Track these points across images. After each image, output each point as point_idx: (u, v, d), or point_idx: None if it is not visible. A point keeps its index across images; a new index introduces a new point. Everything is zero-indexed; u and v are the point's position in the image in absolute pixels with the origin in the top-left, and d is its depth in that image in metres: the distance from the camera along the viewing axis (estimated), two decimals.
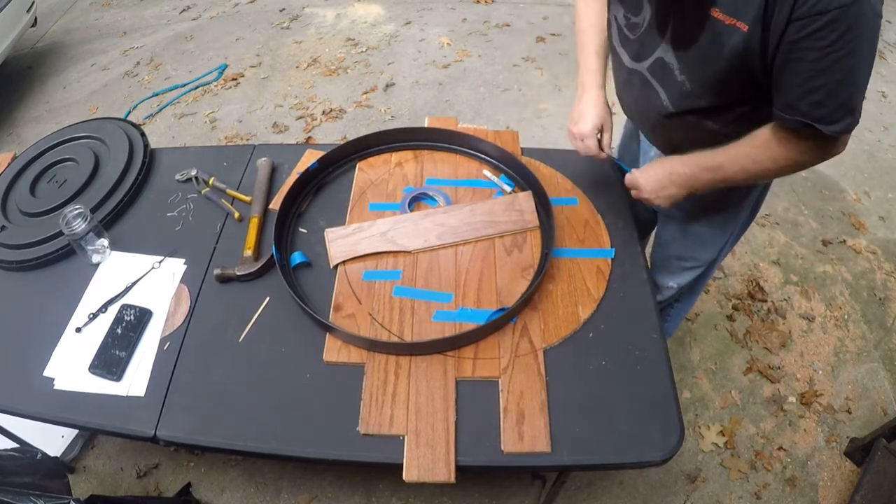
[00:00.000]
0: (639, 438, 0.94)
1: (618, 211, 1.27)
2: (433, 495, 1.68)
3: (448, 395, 0.98)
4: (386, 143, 1.41)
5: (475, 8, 3.82)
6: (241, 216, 1.29)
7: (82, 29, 4.02)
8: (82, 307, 1.15)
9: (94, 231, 1.19)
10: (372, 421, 0.95)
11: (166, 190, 1.36)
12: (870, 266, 2.30)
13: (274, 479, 1.71)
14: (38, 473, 1.25)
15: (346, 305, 1.11)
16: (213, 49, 3.59)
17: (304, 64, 3.39)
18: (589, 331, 1.07)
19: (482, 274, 1.15)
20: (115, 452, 1.78)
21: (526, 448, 0.92)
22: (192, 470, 1.73)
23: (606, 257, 1.18)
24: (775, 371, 1.96)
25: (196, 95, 3.23)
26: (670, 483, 1.71)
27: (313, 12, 3.88)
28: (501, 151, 1.34)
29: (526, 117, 2.95)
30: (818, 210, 2.52)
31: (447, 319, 1.08)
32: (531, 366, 1.01)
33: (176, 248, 1.23)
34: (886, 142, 2.88)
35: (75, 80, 3.46)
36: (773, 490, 1.69)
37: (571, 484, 1.70)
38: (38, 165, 1.39)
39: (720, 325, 2.08)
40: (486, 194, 1.31)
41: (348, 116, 3.01)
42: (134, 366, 1.06)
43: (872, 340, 2.06)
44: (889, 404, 1.89)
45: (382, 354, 1.03)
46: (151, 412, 0.99)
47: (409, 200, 1.27)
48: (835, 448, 1.79)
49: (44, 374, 1.05)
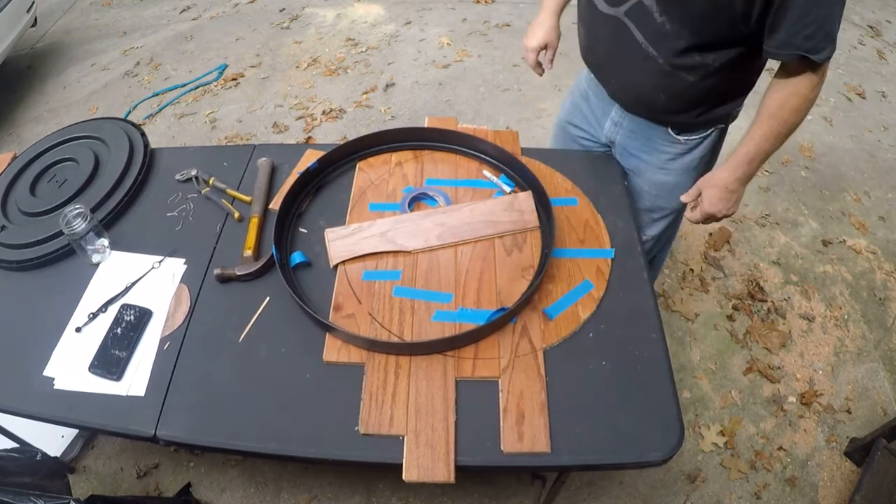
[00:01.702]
0: (639, 438, 0.94)
1: (618, 211, 1.27)
2: (433, 495, 1.68)
3: (448, 395, 0.98)
4: (386, 143, 1.41)
5: (475, 8, 3.82)
6: (241, 216, 1.29)
7: (82, 29, 4.02)
8: (82, 307, 1.15)
9: (94, 231, 1.19)
10: (372, 421, 0.95)
11: (166, 190, 1.36)
12: (870, 266, 2.30)
13: (274, 479, 1.71)
14: (38, 473, 1.25)
15: (346, 305, 1.11)
16: (213, 49, 3.59)
17: (304, 64, 3.39)
18: (589, 331, 1.07)
19: (482, 274, 1.15)
20: (115, 452, 1.78)
21: (526, 448, 0.92)
22: (192, 470, 1.73)
23: (606, 257, 1.18)
24: (775, 371, 1.96)
25: (196, 95, 3.23)
26: (670, 483, 1.71)
27: (313, 12, 3.88)
28: (501, 151, 1.34)
29: (526, 117, 2.95)
30: (818, 210, 2.52)
31: (447, 319, 1.08)
32: (531, 366, 1.01)
33: (176, 248, 1.23)
34: (886, 142, 2.88)
35: (75, 80, 3.46)
36: (773, 490, 1.70)
37: (571, 484, 1.70)
38: (38, 165, 1.39)
39: (720, 325, 2.08)
40: (486, 194, 1.31)
41: (348, 116, 3.01)
42: (134, 366, 1.06)
43: (872, 340, 2.06)
44: (889, 404, 1.89)
45: (382, 354, 1.03)
46: (151, 412, 0.99)
47: (409, 200, 1.27)
48: (835, 448, 1.79)
49: (44, 374, 1.05)
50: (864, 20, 3.85)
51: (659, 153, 1.29)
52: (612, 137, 1.37)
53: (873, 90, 3.21)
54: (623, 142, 1.35)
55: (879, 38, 3.68)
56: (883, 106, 3.11)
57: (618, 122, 1.33)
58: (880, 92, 3.20)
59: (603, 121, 1.37)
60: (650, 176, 1.35)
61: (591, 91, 1.39)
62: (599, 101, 1.36)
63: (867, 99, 3.14)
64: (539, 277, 1.10)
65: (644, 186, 1.37)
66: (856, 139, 2.88)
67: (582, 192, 1.31)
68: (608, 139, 1.39)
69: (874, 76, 3.32)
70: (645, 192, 1.38)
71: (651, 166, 1.33)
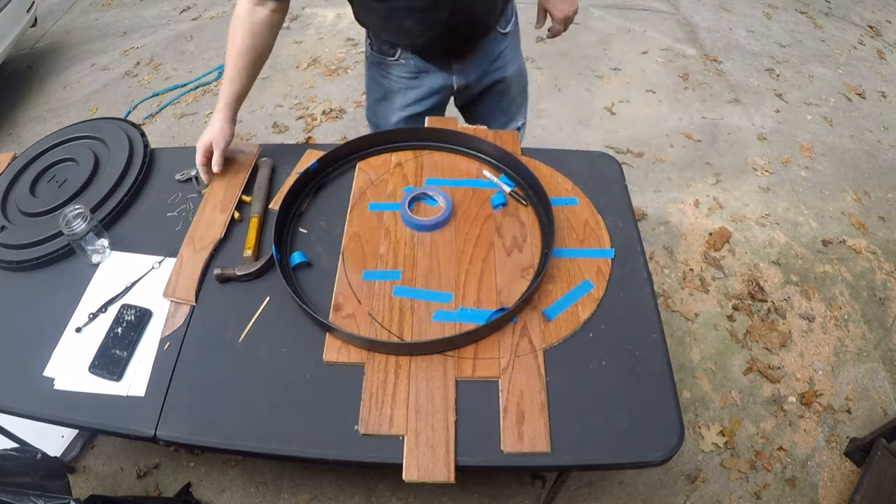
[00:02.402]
0: (639, 438, 0.94)
1: (618, 211, 1.27)
2: (433, 495, 1.68)
3: (448, 395, 0.98)
4: (386, 143, 1.41)
5: None
6: (241, 216, 1.29)
7: (82, 29, 4.02)
8: (82, 307, 1.15)
9: (94, 231, 1.19)
10: (372, 421, 0.95)
11: (166, 190, 1.36)
12: (870, 266, 2.30)
13: (274, 479, 1.71)
14: (38, 473, 1.25)
15: (346, 305, 1.11)
16: (213, 49, 3.59)
17: (304, 64, 3.39)
18: (589, 331, 1.07)
19: (482, 274, 1.15)
20: (115, 452, 1.78)
21: (526, 448, 0.92)
22: (192, 470, 1.73)
23: (606, 257, 1.18)
24: (775, 371, 1.96)
25: (196, 95, 3.23)
26: (670, 483, 1.71)
27: (313, 12, 3.88)
28: (501, 151, 1.34)
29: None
30: (818, 210, 2.52)
31: (447, 319, 1.08)
32: (531, 366, 1.01)
33: (176, 248, 1.23)
34: (886, 142, 2.88)
35: (75, 80, 3.46)
36: (773, 490, 1.70)
37: (571, 484, 1.70)
38: (38, 165, 1.39)
39: (720, 325, 2.08)
40: (486, 194, 1.31)
41: (348, 116, 3.01)
42: (134, 366, 1.06)
43: (872, 340, 2.06)
44: (889, 404, 1.89)
45: (382, 354, 1.03)
46: (151, 412, 0.99)
47: (409, 200, 1.27)
48: (835, 448, 1.79)
49: (44, 374, 1.05)
50: (864, 20, 3.85)
51: (502, 54, 1.45)
52: (464, 83, 1.45)
53: (873, 90, 3.21)
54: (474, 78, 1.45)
55: (879, 38, 3.68)
56: (883, 106, 3.11)
57: (459, 70, 1.42)
58: (880, 92, 3.20)
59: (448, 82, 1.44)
60: (508, 73, 1.49)
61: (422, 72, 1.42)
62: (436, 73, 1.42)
63: (867, 99, 3.14)
64: (539, 277, 1.10)
65: (512, 85, 1.53)
66: (856, 139, 2.88)
67: (582, 192, 1.31)
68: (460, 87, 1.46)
69: (874, 76, 3.32)
70: (513, 86, 1.53)
71: (502, 69, 1.47)
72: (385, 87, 1.48)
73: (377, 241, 1.22)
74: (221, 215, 1.26)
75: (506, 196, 1.30)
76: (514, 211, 1.28)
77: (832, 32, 3.71)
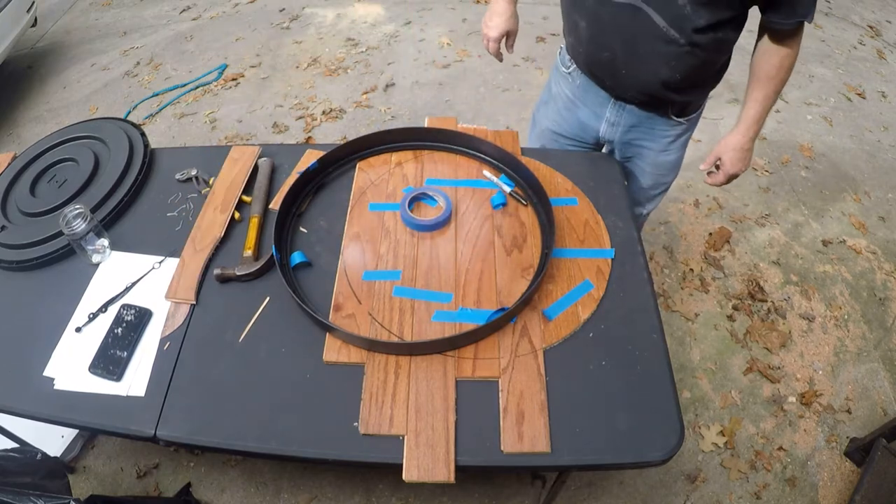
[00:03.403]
0: (639, 438, 0.94)
1: (618, 211, 1.27)
2: (433, 495, 1.68)
3: (448, 395, 0.98)
4: (386, 143, 1.41)
5: (475, 8, 3.81)
6: (241, 216, 1.29)
7: (82, 29, 4.02)
8: (82, 307, 1.15)
9: (94, 231, 1.19)
10: (372, 421, 0.95)
11: (166, 190, 1.36)
12: (870, 266, 2.30)
13: (274, 479, 1.71)
14: (38, 473, 1.25)
15: (346, 305, 1.11)
16: (213, 49, 3.59)
17: (304, 64, 3.39)
18: (589, 331, 1.07)
19: (482, 274, 1.15)
20: (115, 452, 1.78)
21: (526, 448, 0.92)
22: (192, 470, 1.73)
23: (606, 257, 1.18)
24: (775, 371, 1.96)
25: (196, 95, 3.23)
26: (670, 483, 1.71)
27: (313, 12, 3.88)
28: (501, 151, 1.34)
29: (526, 117, 2.95)
30: (818, 210, 2.52)
31: (447, 319, 1.08)
32: (531, 366, 1.01)
33: (176, 248, 1.23)
34: (886, 142, 2.88)
35: (75, 80, 3.46)
36: (773, 490, 1.70)
37: (571, 484, 1.70)
38: (38, 165, 1.39)
39: (720, 325, 2.08)
40: (487, 194, 1.31)
41: (348, 116, 3.01)
42: (134, 366, 1.06)
43: (872, 340, 2.06)
44: (889, 404, 1.89)
45: (382, 354, 1.03)
46: (151, 412, 0.99)
47: (409, 200, 1.27)
48: (835, 448, 1.79)
49: (44, 374, 1.05)
50: (864, 20, 3.85)
51: (661, 138, 1.37)
52: (609, 137, 1.40)
53: (873, 90, 3.21)
54: (622, 137, 1.39)
55: (879, 38, 3.69)
56: (883, 106, 3.11)
57: (614, 121, 1.36)
58: (880, 92, 3.20)
59: (596, 125, 1.40)
60: (652, 159, 1.42)
61: (579, 100, 1.40)
62: (590, 108, 1.38)
63: (867, 99, 3.14)
64: (539, 277, 1.10)
65: (647, 168, 1.45)
66: (856, 139, 2.88)
67: (582, 192, 1.31)
68: (603, 140, 1.42)
69: (874, 76, 3.32)
70: (647, 173, 1.46)
71: (653, 151, 1.40)
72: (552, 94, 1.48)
73: (377, 241, 1.22)
74: (221, 215, 1.26)
75: (506, 196, 1.30)
76: (514, 211, 1.28)
77: (832, 32, 3.71)
